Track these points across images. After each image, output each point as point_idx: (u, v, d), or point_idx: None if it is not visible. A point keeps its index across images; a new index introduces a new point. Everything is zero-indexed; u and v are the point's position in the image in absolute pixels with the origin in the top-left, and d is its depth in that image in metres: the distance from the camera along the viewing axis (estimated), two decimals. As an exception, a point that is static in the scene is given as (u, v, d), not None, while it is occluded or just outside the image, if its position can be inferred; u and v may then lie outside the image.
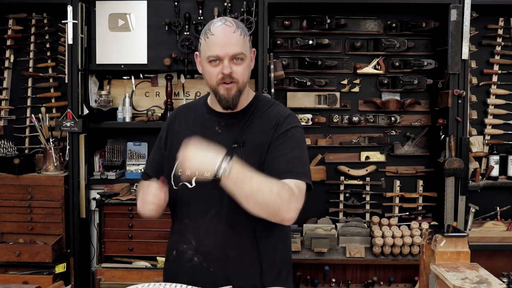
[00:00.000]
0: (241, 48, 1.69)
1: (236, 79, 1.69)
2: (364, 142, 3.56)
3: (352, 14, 3.48)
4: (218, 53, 1.67)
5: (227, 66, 1.67)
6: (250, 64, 1.77)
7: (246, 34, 1.73)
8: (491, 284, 1.64)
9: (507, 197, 3.55)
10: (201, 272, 1.74)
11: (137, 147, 3.63)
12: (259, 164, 1.71)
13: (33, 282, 3.07)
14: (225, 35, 1.67)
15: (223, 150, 1.59)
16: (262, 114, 1.78)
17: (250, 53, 1.76)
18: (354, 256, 3.19)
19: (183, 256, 1.77)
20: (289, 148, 1.71)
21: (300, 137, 1.77)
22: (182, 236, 1.78)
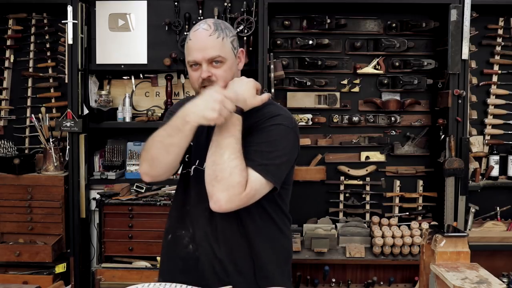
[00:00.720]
0: (218, 51, 1.65)
1: (216, 82, 1.66)
2: (364, 142, 3.56)
3: (352, 14, 3.48)
4: (195, 57, 1.67)
5: (205, 70, 1.66)
6: (235, 66, 1.72)
7: (228, 36, 1.69)
8: (491, 284, 1.64)
9: (507, 197, 3.55)
10: (193, 260, 1.75)
11: (137, 147, 3.63)
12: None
13: (33, 282, 3.07)
14: (201, 39, 1.66)
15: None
16: (258, 110, 1.74)
17: (233, 54, 1.71)
18: (354, 256, 3.19)
19: (180, 241, 1.78)
20: (267, 141, 1.65)
21: (276, 134, 1.67)
22: (182, 221, 1.78)
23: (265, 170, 1.61)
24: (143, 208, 3.27)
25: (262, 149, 1.64)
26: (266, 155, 1.64)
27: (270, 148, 1.65)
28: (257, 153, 1.63)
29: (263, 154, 1.64)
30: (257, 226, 1.75)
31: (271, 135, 1.67)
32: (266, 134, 1.67)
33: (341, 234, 3.26)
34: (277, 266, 1.82)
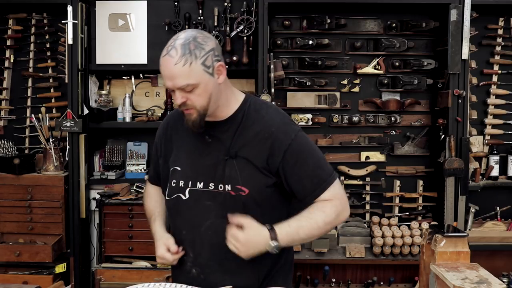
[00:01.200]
0: (186, 79, 1.59)
1: (191, 105, 1.64)
2: (364, 142, 3.56)
3: (352, 14, 3.48)
4: (167, 85, 1.65)
5: (178, 97, 1.63)
6: (210, 85, 1.63)
7: (198, 57, 1.59)
8: (491, 284, 1.64)
9: (507, 197, 3.55)
10: (199, 283, 1.73)
11: (137, 147, 3.63)
12: (259, 177, 1.69)
13: (33, 282, 3.07)
14: (168, 68, 1.62)
15: (263, 228, 1.62)
16: (253, 122, 1.71)
17: (207, 75, 1.62)
18: (354, 256, 3.19)
19: (183, 267, 1.78)
20: (304, 163, 1.69)
21: (305, 142, 1.73)
22: (181, 246, 1.78)
23: (329, 175, 1.71)
24: (143, 208, 3.25)
25: (313, 164, 1.71)
26: (318, 164, 1.72)
27: (314, 157, 1.73)
28: (316, 171, 1.70)
29: (319, 166, 1.72)
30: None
31: (303, 147, 1.72)
32: (300, 153, 1.70)
33: (341, 234, 3.26)
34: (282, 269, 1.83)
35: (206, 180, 1.70)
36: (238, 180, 1.67)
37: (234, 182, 1.67)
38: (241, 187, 1.67)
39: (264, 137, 1.69)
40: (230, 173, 1.68)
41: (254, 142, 1.69)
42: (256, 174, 1.68)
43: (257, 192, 1.69)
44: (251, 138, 1.70)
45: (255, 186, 1.68)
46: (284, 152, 1.68)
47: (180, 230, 1.78)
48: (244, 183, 1.67)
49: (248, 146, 1.69)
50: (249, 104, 1.75)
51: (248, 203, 1.68)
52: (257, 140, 1.69)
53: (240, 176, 1.67)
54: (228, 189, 1.68)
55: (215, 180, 1.69)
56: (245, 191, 1.67)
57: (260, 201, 1.70)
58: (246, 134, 1.70)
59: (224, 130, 1.72)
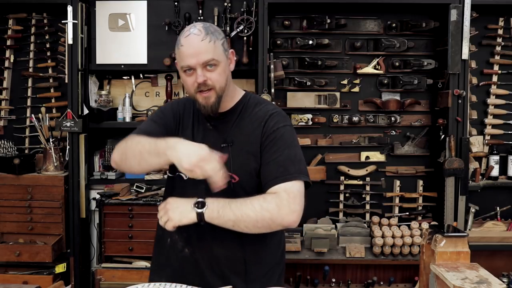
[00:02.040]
0: (212, 54, 1.66)
1: (212, 85, 1.69)
2: (364, 142, 3.56)
3: (352, 14, 3.48)
4: (189, 63, 1.67)
5: (200, 75, 1.67)
6: (227, 68, 1.74)
7: (218, 39, 1.70)
8: (491, 284, 1.64)
9: (507, 197, 3.55)
10: (191, 263, 1.77)
11: (137, 147, 3.62)
12: (249, 163, 1.73)
13: (33, 282, 3.07)
14: (193, 44, 1.66)
15: (191, 200, 1.62)
16: (250, 113, 1.79)
17: (225, 56, 1.73)
18: (354, 256, 3.19)
19: (175, 246, 1.81)
20: (279, 151, 1.71)
21: (289, 136, 1.76)
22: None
23: (298, 173, 1.69)
24: (143, 208, 3.27)
25: (287, 156, 1.70)
26: (292, 159, 1.70)
27: (291, 151, 1.72)
28: (286, 162, 1.69)
29: (292, 161, 1.70)
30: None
31: (286, 139, 1.74)
32: (281, 141, 1.72)
33: (341, 234, 3.26)
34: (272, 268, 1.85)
35: None
36: (230, 167, 1.70)
37: (226, 169, 1.67)
38: (231, 174, 1.71)
39: (260, 125, 1.75)
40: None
41: (250, 129, 1.75)
42: (248, 162, 1.73)
43: (247, 180, 1.73)
44: (248, 126, 1.76)
45: (245, 175, 1.73)
46: (267, 136, 1.73)
47: None
48: (236, 171, 1.71)
49: (244, 134, 1.75)
50: (249, 98, 1.84)
51: (237, 191, 1.71)
52: (254, 127, 1.75)
53: (232, 163, 1.71)
54: None
55: None
56: (236, 178, 1.72)
57: (250, 189, 1.73)
58: (244, 123, 1.77)
59: (224, 121, 1.78)
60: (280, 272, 1.89)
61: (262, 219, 1.60)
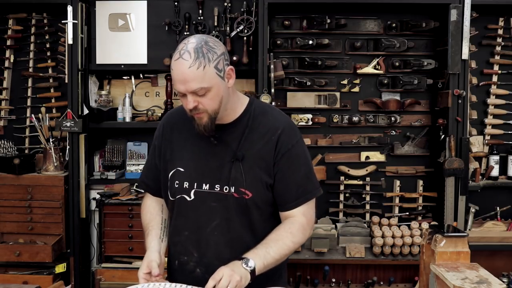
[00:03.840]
0: (199, 83, 1.58)
1: (203, 109, 1.64)
2: (364, 142, 3.56)
3: (352, 14, 3.48)
4: (179, 89, 1.62)
5: (190, 101, 1.62)
6: (222, 89, 1.64)
7: (211, 61, 1.59)
8: (491, 284, 1.64)
9: (507, 197, 3.55)
10: (204, 282, 1.71)
11: (137, 147, 3.63)
12: (260, 178, 1.71)
13: (33, 282, 3.07)
14: (181, 72, 1.59)
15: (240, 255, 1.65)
16: (259, 124, 1.74)
17: (219, 79, 1.63)
18: (354, 256, 3.18)
19: (185, 267, 1.78)
20: (297, 170, 1.74)
21: (302, 152, 1.78)
22: (183, 248, 1.78)
23: (314, 188, 1.78)
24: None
25: (304, 173, 1.76)
26: (308, 175, 1.77)
27: (306, 167, 1.78)
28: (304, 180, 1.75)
29: (308, 177, 1.77)
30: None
31: (300, 156, 1.76)
32: (297, 160, 1.75)
33: (341, 234, 3.26)
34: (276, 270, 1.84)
35: (212, 182, 1.72)
36: (243, 183, 1.69)
37: (238, 185, 1.69)
38: (244, 190, 1.69)
39: (270, 138, 1.73)
40: (235, 175, 1.69)
41: (260, 143, 1.72)
42: (260, 178, 1.71)
43: (259, 196, 1.72)
44: (258, 140, 1.73)
45: (258, 190, 1.71)
46: (282, 155, 1.72)
47: (181, 230, 1.79)
48: (248, 187, 1.69)
49: (254, 147, 1.72)
50: (254, 107, 1.78)
51: (250, 207, 1.71)
52: (264, 141, 1.72)
53: (245, 179, 1.69)
54: (232, 191, 1.70)
55: (220, 182, 1.71)
56: (249, 194, 1.70)
57: (262, 205, 1.73)
58: (253, 136, 1.73)
59: (231, 133, 1.74)
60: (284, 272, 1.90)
61: (294, 249, 1.77)
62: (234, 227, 1.72)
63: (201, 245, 1.74)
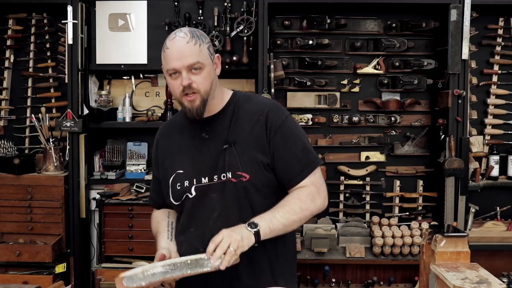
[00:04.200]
0: (197, 57, 1.67)
1: (196, 89, 1.69)
2: (364, 142, 3.56)
3: (352, 14, 3.48)
4: (174, 65, 1.69)
5: (185, 77, 1.67)
6: (213, 72, 1.74)
7: (204, 42, 1.71)
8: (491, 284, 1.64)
9: (507, 197, 3.55)
10: (212, 276, 1.73)
11: (137, 147, 3.63)
12: (256, 159, 1.73)
13: (33, 282, 3.07)
14: (179, 47, 1.68)
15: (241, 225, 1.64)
16: (245, 110, 1.79)
17: (211, 60, 1.73)
18: (354, 256, 3.18)
19: None
20: (293, 144, 1.76)
21: (294, 126, 1.81)
22: (188, 245, 1.78)
23: (315, 159, 1.79)
24: (143, 208, 3.26)
25: (301, 146, 1.77)
26: (306, 147, 1.78)
27: (302, 139, 1.79)
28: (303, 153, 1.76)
29: (306, 149, 1.78)
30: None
31: (293, 129, 1.78)
32: (291, 133, 1.77)
33: (341, 234, 3.26)
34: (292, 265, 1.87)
35: (210, 174, 1.74)
36: (238, 167, 1.71)
37: (234, 169, 1.72)
38: (241, 173, 1.71)
39: (258, 119, 1.76)
40: (230, 161, 1.72)
41: (249, 126, 1.76)
42: (255, 159, 1.73)
43: (257, 177, 1.73)
44: (246, 124, 1.76)
45: (254, 172, 1.73)
46: (275, 132, 1.74)
47: (187, 228, 1.80)
48: (244, 169, 1.71)
49: (244, 131, 1.75)
50: (238, 96, 1.84)
51: (249, 189, 1.72)
52: (253, 123, 1.76)
53: (240, 162, 1.71)
54: (229, 176, 1.72)
55: (217, 172, 1.74)
56: (246, 176, 1.71)
57: (261, 186, 1.74)
58: (241, 122, 1.77)
59: (219, 123, 1.78)
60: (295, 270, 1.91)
61: (304, 217, 1.72)
62: (235, 214, 1.72)
63: (205, 239, 1.73)
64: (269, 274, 1.77)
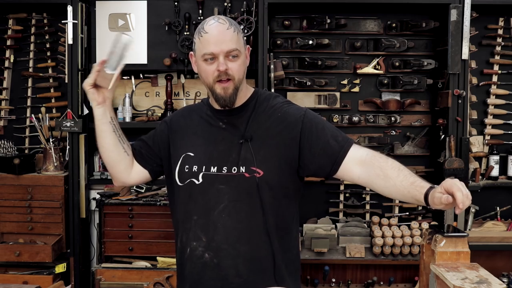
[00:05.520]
0: (235, 44, 1.69)
1: (232, 75, 1.70)
2: (364, 142, 3.56)
3: (352, 14, 3.48)
4: (212, 50, 1.68)
5: (222, 62, 1.68)
6: (245, 61, 1.77)
7: (240, 31, 1.74)
8: (491, 284, 1.64)
9: (507, 197, 3.55)
10: (211, 269, 1.74)
11: (137, 147, 3.62)
12: (270, 156, 1.73)
13: (33, 282, 3.07)
14: (219, 32, 1.68)
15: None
16: (266, 108, 1.80)
17: (244, 50, 1.77)
18: (354, 256, 3.19)
19: (194, 253, 1.77)
20: (323, 129, 1.77)
21: (316, 115, 1.84)
22: (193, 233, 1.78)
23: (349, 139, 1.80)
24: (143, 208, 3.27)
25: (330, 131, 1.79)
26: (335, 130, 1.81)
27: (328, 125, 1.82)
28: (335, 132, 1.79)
29: (336, 132, 1.80)
30: (278, 223, 1.77)
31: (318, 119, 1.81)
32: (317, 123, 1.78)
33: (341, 234, 3.26)
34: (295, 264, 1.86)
35: (220, 164, 1.74)
36: (253, 162, 1.71)
37: (248, 164, 1.71)
38: (255, 169, 1.71)
39: (277, 117, 1.77)
40: (245, 156, 1.72)
41: (268, 122, 1.77)
42: (271, 156, 1.73)
43: (271, 174, 1.72)
44: (265, 120, 1.77)
45: (269, 169, 1.72)
46: (301, 122, 1.76)
47: (191, 215, 1.78)
48: (259, 165, 1.71)
49: (262, 128, 1.76)
50: (260, 93, 1.86)
51: (261, 186, 1.71)
52: (271, 120, 1.77)
53: (255, 158, 1.71)
54: (242, 171, 1.72)
55: (228, 164, 1.73)
56: (260, 172, 1.71)
57: (273, 184, 1.73)
58: (260, 118, 1.78)
59: (239, 117, 1.79)
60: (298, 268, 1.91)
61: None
62: (242, 209, 1.72)
63: (209, 229, 1.74)
64: (271, 272, 1.76)
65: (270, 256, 1.75)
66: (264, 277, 1.75)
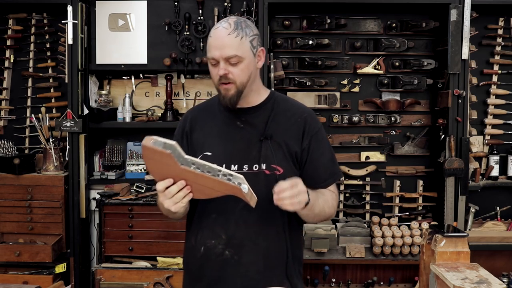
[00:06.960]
0: (235, 50, 1.70)
1: (233, 79, 1.72)
2: (364, 142, 3.56)
3: (352, 14, 3.48)
4: (213, 55, 1.72)
5: (222, 68, 1.71)
6: (252, 64, 1.76)
7: (247, 35, 1.73)
8: (491, 284, 1.64)
9: (507, 197, 3.55)
10: (232, 265, 1.76)
11: (137, 147, 3.63)
12: (289, 156, 1.78)
13: (33, 282, 3.07)
14: (220, 38, 1.71)
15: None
16: (284, 109, 1.84)
17: (252, 53, 1.75)
18: (354, 256, 3.19)
19: (212, 252, 1.78)
20: (324, 153, 1.84)
21: (325, 137, 1.89)
22: (210, 231, 1.79)
23: (339, 170, 1.90)
24: (143, 208, 3.27)
25: (329, 157, 1.85)
26: (333, 159, 1.87)
27: (330, 151, 1.87)
28: (330, 163, 1.85)
29: (333, 161, 1.86)
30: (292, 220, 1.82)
31: (325, 140, 1.87)
32: (323, 142, 1.85)
33: (341, 234, 3.26)
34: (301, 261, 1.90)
35: (241, 163, 1.77)
36: (274, 160, 1.75)
37: (269, 161, 1.76)
38: (276, 166, 1.75)
39: (297, 121, 1.82)
40: (265, 153, 1.76)
41: (287, 125, 1.81)
42: (289, 155, 1.78)
43: (289, 172, 1.76)
44: (285, 121, 1.82)
45: (288, 167, 1.77)
46: (311, 136, 1.81)
47: (209, 213, 1.80)
48: (279, 163, 1.76)
49: (281, 129, 1.80)
50: (276, 95, 1.89)
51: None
52: (290, 123, 1.82)
53: (275, 156, 1.75)
54: (263, 168, 1.75)
55: (249, 162, 1.76)
56: (280, 170, 1.75)
57: None
58: (279, 118, 1.82)
59: (256, 116, 1.82)
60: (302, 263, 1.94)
61: (330, 215, 1.84)
62: (262, 205, 1.72)
63: (229, 227, 1.76)
64: (283, 268, 1.80)
65: (284, 251, 1.80)
66: (276, 272, 1.78)
